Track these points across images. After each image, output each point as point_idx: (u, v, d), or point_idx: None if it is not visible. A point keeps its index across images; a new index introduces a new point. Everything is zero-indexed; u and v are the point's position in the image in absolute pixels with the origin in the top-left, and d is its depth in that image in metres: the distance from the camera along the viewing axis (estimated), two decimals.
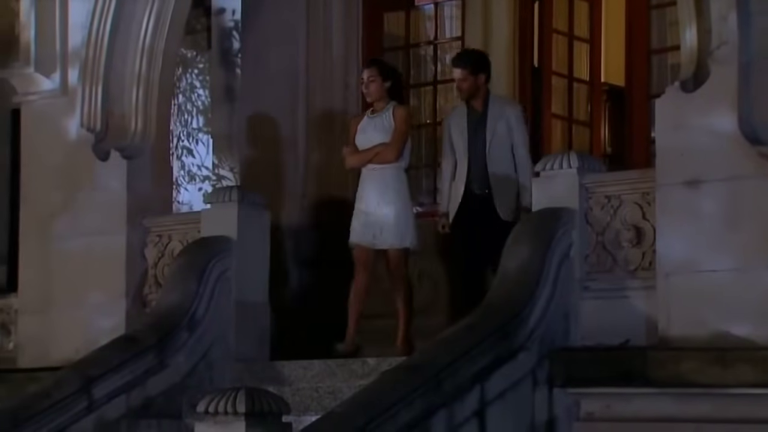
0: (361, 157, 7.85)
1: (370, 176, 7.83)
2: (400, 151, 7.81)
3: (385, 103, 7.90)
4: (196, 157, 11.25)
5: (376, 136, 7.81)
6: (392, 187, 7.78)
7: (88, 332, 8.43)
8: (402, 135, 7.81)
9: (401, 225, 7.78)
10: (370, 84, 7.88)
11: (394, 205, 7.76)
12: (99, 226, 8.62)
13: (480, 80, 7.92)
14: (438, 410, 6.26)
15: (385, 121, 7.83)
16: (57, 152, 8.86)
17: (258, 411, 5.65)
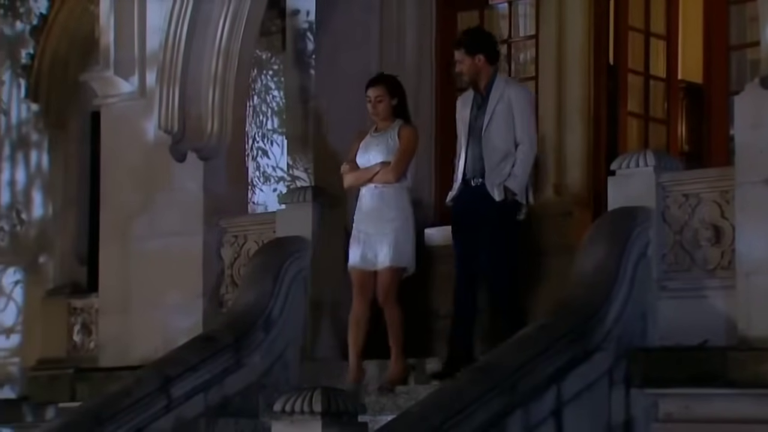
0: (359, 176, 7.50)
1: (369, 194, 7.47)
2: (401, 173, 7.44)
3: (390, 122, 7.54)
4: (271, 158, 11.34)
5: (378, 156, 7.46)
6: (393, 206, 7.42)
7: (166, 332, 8.53)
8: (406, 155, 7.44)
9: (400, 244, 7.39)
10: (377, 104, 7.51)
11: (393, 223, 7.40)
12: (176, 227, 8.72)
13: (479, 61, 7.40)
14: (514, 410, 6.23)
15: (389, 140, 7.46)
16: (135, 154, 8.98)
17: (334, 410, 5.68)
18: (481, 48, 7.41)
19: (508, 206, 7.35)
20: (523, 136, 7.40)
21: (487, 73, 7.42)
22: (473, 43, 7.41)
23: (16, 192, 11.29)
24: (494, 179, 7.36)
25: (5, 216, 11.24)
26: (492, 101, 7.39)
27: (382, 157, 7.40)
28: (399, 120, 7.50)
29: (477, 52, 7.39)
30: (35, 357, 10.87)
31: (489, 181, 7.36)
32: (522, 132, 7.39)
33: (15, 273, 11.22)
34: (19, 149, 11.33)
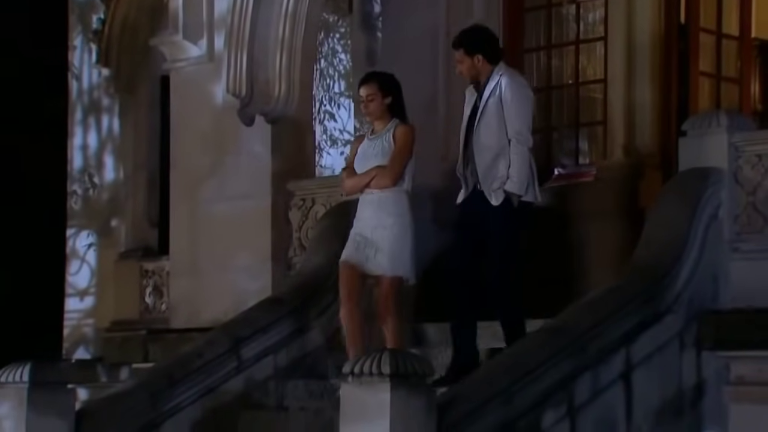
0: (356, 181, 7.06)
1: (368, 200, 7.04)
2: (398, 175, 6.97)
3: (386, 122, 7.08)
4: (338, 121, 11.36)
5: (374, 160, 7.03)
6: (391, 212, 6.97)
7: (236, 294, 8.61)
8: (401, 156, 6.98)
9: (397, 252, 6.93)
10: (369, 103, 7.05)
11: (390, 230, 6.95)
12: (245, 190, 8.78)
13: (478, 61, 6.95)
14: (583, 373, 6.21)
15: (385, 143, 7.04)
16: (204, 118, 9.04)
17: (402, 372, 5.69)
18: (479, 48, 6.98)
19: (511, 210, 6.85)
20: (512, 132, 6.86)
21: (487, 72, 6.97)
22: (472, 43, 7.00)
23: (89, 156, 11.43)
24: (489, 183, 6.88)
25: (78, 180, 11.40)
26: (484, 97, 6.95)
27: (378, 161, 7.00)
28: (395, 120, 7.08)
29: (476, 52, 6.98)
30: (109, 318, 11.05)
31: (484, 185, 6.90)
32: (511, 127, 6.86)
33: (88, 236, 11.38)
34: (90, 114, 11.47)
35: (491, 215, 6.84)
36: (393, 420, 5.62)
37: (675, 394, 6.58)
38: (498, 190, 6.83)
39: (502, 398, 6.01)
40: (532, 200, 6.94)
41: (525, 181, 6.86)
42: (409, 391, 5.69)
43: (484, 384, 6.04)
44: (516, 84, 6.94)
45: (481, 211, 6.88)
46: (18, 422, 6.44)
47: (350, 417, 5.74)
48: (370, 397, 5.67)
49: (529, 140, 6.90)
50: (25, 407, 6.42)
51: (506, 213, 6.82)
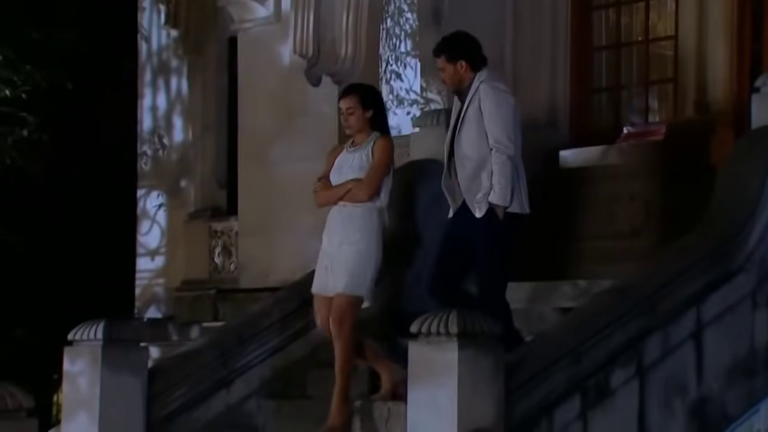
0: (331, 194, 6.77)
1: (338, 213, 6.74)
2: (374, 190, 6.67)
3: (366, 135, 6.79)
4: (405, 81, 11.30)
5: (351, 174, 6.75)
6: (359, 227, 6.64)
7: (303, 254, 8.67)
8: (378, 171, 6.68)
9: (357, 270, 6.57)
10: (349, 116, 6.77)
11: (356, 246, 6.61)
12: (311, 151, 8.82)
13: (461, 68, 6.63)
14: (652, 332, 6.17)
15: (363, 156, 6.75)
16: (271, 78, 9.09)
17: (470, 332, 5.70)
18: (461, 54, 6.66)
19: (496, 223, 6.47)
20: (492, 140, 6.49)
21: (470, 80, 6.64)
22: (453, 50, 6.68)
23: (158, 117, 11.54)
24: (473, 195, 6.53)
25: (148, 141, 11.52)
26: (465, 106, 6.62)
27: (355, 174, 6.73)
28: (376, 133, 6.79)
29: (458, 58, 6.65)
30: (179, 278, 11.19)
31: (468, 197, 6.55)
32: (490, 135, 6.50)
33: (158, 197, 11.52)
34: (159, 75, 11.56)
35: (476, 228, 6.47)
36: (461, 379, 5.63)
37: (747, 354, 6.51)
38: (481, 202, 6.48)
39: (570, 358, 6.00)
40: (519, 211, 6.54)
41: (508, 191, 6.46)
42: (476, 351, 5.70)
43: (553, 344, 6.03)
44: (493, 90, 6.57)
45: (468, 224, 6.52)
46: (93, 379, 6.56)
47: (418, 376, 5.76)
48: (437, 356, 5.69)
49: (509, 148, 6.47)
50: (99, 364, 6.53)
51: (491, 226, 6.44)
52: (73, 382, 6.62)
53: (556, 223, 8.30)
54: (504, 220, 6.46)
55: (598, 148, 8.66)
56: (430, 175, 8.10)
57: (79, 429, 6.53)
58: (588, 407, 6.01)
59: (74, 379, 6.61)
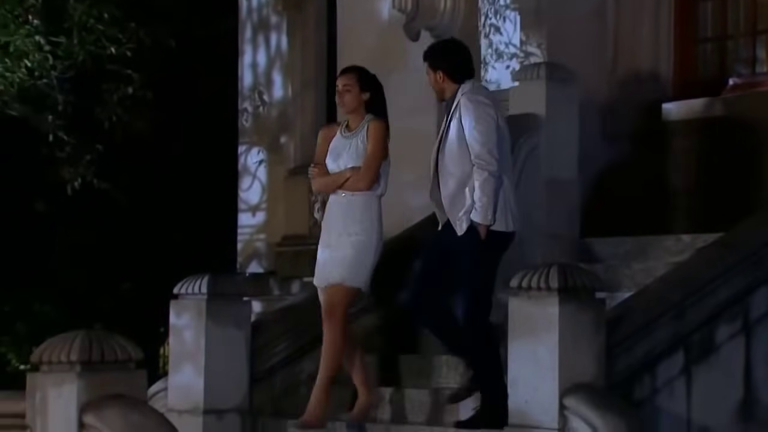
0: (329, 181, 6.56)
1: (337, 203, 6.55)
2: (373, 178, 6.50)
3: (360, 118, 6.58)
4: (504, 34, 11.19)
5: (349, 161, 6.55)
6: (358, 218, 6.48)
7: (402, 210, 8.68)
8: (376, 157, 6.50)
9: (356, 261, 6.42)
10: (344, 93, 6.57)
11: (354, 238, 6.45)
12: (411, 106, 8.80)
13: (439, 78, 6.36)
14: (758, 287, 6.08)
15: (359, 143, 6.55)
16: (370, 34, 9.08)
17: (571, 287, 5.68)
18: (440, 64, 6.36)
19: (477, 242, 6.15)
20: (473, 157, 6.19)
21: (452, 91, 6.35)
22: (434, 57, 6.43)
23: (258, 74, 11.63)
24: (455, 212, 6.23)
25: (248, 97, 11.62)
26: (449, 119, 6.33)
27: (353, 162, 6.53)
28: (369, 116, 6.59)
29: (437, 68, 6.38)
30: (280, 233, 11.31)
31: (451, 214, 6.25)
32: (472, 151, 6.19)
33: (258, 153, 11.63)
34: (259, 32, 11.63)
35: (458, 245, 6.20)
36: (561, 334, 5.63)
37: None
38: (462, 219, 6.18)
39: (674, 313, 5.94)
40: (503, 229, 6.23)
41: (490, 209, 6.14)
42: (577, 306, 5.68)
43: (656, 299, 5.98)
44: (474, 103, 6.23)
45: (451, 240, 6.24)
46: (197, 332, 6.69)
47: (518, 331, 5.77)
48: (538, 311, 5.69)
49: (491, 164, 6.15)
50: (204, 318, 6.67)
51: (472, 244, 6.13)
52: (178, 335, 6.77)
53: (659, 176, 8.20)
54: (486, 238, 6.14)
55: (702, 100, 8.51)
56: (529, 130, 8.05)
57: (185, 380, 6.69)
58: (692, 363, 5.96)
59: (180, 332, 6.76)
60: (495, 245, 6.20)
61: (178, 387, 6.69)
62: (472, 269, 6.15)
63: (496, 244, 6.20)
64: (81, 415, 4.56)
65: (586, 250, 7.68)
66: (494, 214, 6.14)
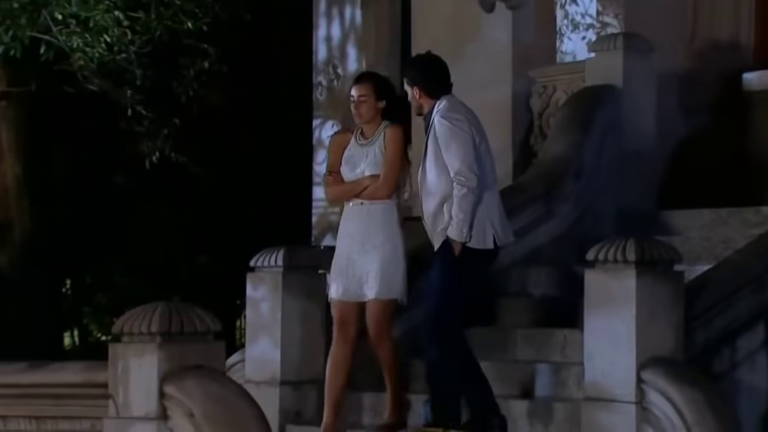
0: (346, 190, 6.35)
1: (355, 213, 6.32)
2: (393, 186, 6.28)
3: (376, 126, 6.35)
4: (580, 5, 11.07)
5: (366, 170, 6.32)
6: (381, 227, 6.25)
7: None
8: (395, 164, 6.27)
9: (388, 273, 6.21)
10: (361, 104, 6.34)
11: (382, 249, 6.22)
12: (485, 78, 8.77)
13: (416, 93, 6.18)
14: None
15: (377, 151, 6.32)
16: (445, 5, 9.05)
17: (648, 259, 5.63)
18: (416, 79, 6.20)
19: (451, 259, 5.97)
20: (452, 173, 6.00)
21: (429, 105, 6.17)
22: (409, 74, 6.28)
23: (332, 47, 11.64)
24: (434, 228, 6.07)
25: (322, 71, 11.64)
26: (426, 138, 6.15)
27: (371, 170, 6.31)
28: (385, 122, 6.36)
29: (413, 83, 6.21)
30: None
31: (429, 230, 6.11)
32: (451, 168, 6.00)
33: (333, 126, 11.66)
34: (333, 5, 11.63)
35: (432, 262, 6.07)
36: (638, 307, 5.58)
37: None
38: (439, 235, 6.03)
39: (754, 285, 5.87)
40: (479, 247, 6.01)
41: (466, 226, 5.95)
42: (655, 279, 5.63)
43: (736, 271, 5.90)
44: (447, 120, 6.04)
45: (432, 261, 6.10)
46: (274, 304, 6.76)
47: (595, 304, 5.73)
48: (615, 284, 5.65)
49: (471, 180, 5.96)
50: (280, 290, 6.72)
51: (444, 260, 5.97)
52: (255, 307, 6.84)
53: (738, 148, 8.07)
54: (460, 256, 5.95)
55: None
56: (605, 101, 7.98)
57: (262, 352, 6.76)
58: None
59: (256, 305, 6.82)
60: (470, 262, 5.98)
61: (255, 358, 6.76)
62: (440, 285, 5.97)
63: (471, 262, 5.98)
64: (161, 385, 4.62)
65: (664, 223, 7.61)
66: (470, 231, 5.96)
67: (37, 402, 4.92)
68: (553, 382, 6.35)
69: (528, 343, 6.68)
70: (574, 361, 6.30)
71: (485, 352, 6.75)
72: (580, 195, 7.83)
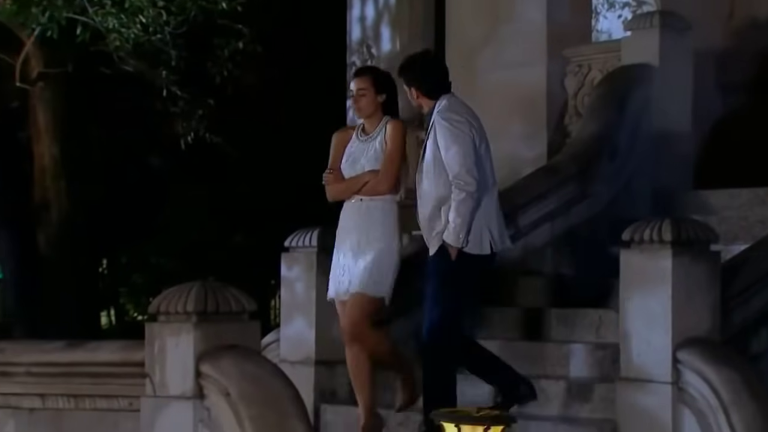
0: (346, 186, 6.20)
1: (354, 209, 6.19)
2: (393, 181, 6.13)
3: (377, 121, 6.21)
4: None
5: (367, 166, 6.18)
6: (379, 223, 6.11)
7: (512, 162, 8.65)
8: (395, 159, 6.13)
9: (379, 270, 6.04)
10: (360, 98, 6.20)
11: (377, 244, 6.07)
12: (520, 58, 8.73)
13: (413, 93, 6.10)
14: None
15: (377, 146, 6.19)
16: None
17: (684, 239, 5.59)
18: (412, 80, 6.08)
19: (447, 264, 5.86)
20: (451, 176, 5.88)
21: (429, 105, 6.07)
22: (406, 74, 6.13)
23: (366, 27, 11.62)
24: (430, 234, 5.97)
25: (356, 51, 11.62)
26: (426, 138, 6.03)
27: (371, 166, 6.17)
28: (386, 117, 6.24)
29: (410, 84, 6.10)
30: None
31: (425, 233, 6.01)
32: (450, 171, 5.88)
33: None
34: None
35: (428, 266, 5.96)
36: (675, 287, 5.55)
37: None
38: (435, 239, 5.92)
39: None
40: (476, 252, 5.88)
41: (463, 231, 5.83)
42: (691, 259, 5.60)
43: None
44: (448, 121, 5.92)
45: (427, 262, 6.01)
46: (308, 284, 6.77)
47: (630, 284, 5.71)
48: (651, 264, 5.62)
49: (470, 184, 5.84)
50: (314, 270, 6.74)
51: (441, 265, 5.87)
52: (289, 287, 6.86)
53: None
54: (457, 260, 5.84)
55: None
56: (641, 81, 7.92)
57: (297, 332, 6.78)
58: None
59: (291, 285, 6.85)
60: (467, 268, 5.86)
61: (289, 338, 6.79)
62: (440, 291, 5.86)
63: (468, 267, 5.86)
64: (198, 364, 4.65)
65: (701, 202, 7.56)
66: (467, 236, 5.85)
67: (75, 380, 4.97)
68: (588, 362, 6.33)
69: (563, 324, 6.67)
70: (609, 341, 6.28)
71: (520, 333, 6.75)
72: (614, 175, 7.79)
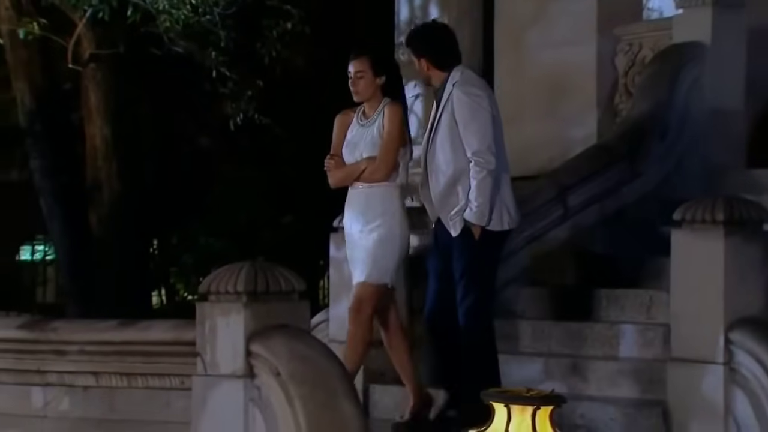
0: (346, 174, 6.12)
1: (355, 197, 6.12)
2: (390, 167, 5.99)
3: (377, 103, 6.06)
4: None
5: (366, 151, 6.08)
6: (379, 211, 6.02)
7: (561, 142, 8.61)
8: (392, 145, 5.97)
9: (380, 256, 5.99)
10: (358, 81, 6.04)
11: (377, 232, 6.00)
12: (570, 37, 8.68)
13: (424, 65, 5.97)
14: None
15: (375, 132, 6.05)
16: None
17: (737, 219, 5.55)
18: (423, 50, 5.96)
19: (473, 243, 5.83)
20: (470, 153, 5.81)
21: (441, 79, 5.95)
22: (415, 44, 6.02)
23: (414, 7, 11.60)
24: (447, 211, 5.89)
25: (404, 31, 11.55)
26: (439, 111, 5.92)
27: (370, 152, 6.06)
28: (386, 99, 6.08)
29: (421, 54, 5.97)
30: None
31: (441, 213, 5.94)
32: (468, 147, 5.81)
33: (415, 86, 11.63)
34: None
35: (453, 248, 5.90)
36: (726, 267, 5.52)
37: None
38: (456, 220, 5.86)
39: None
40: (498, 228, 5.88)
41: (486, 210, 5.80)
42: (743, 238, 5.55)
43: None
44: (468, 96, 5.83)
45: (446, 242, 5.95)
46: None
47: (681, 264, 5.68)
48: (702, 244, 5.59)
49: (490, 162, 5.79)
50: None
51: (467, 244, 5.82)
52: (338, 267, 6.87)
53: None
54: (481, 239, 5.83)
55: None
56: (693, 59, 7.84)
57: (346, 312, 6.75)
58: None
59: (339, 265, 6.86)
60: (491, 244, 5.88)
61: (339, 318, 6.80)
62: (472, 269, 5.84)
63: (492, 243, 5.88)
64: (248, 344, 4.69)
65: (753, 182, 7.48)
66: (490, 214, 5.83)
67: (128, 359, 5.02)
68: (638, 342, 6.31)
69: (613, 304, 6.64)
70: (659, 321, 6.25)
71: (570, 313, 6.73)
72: (665, 154, 7.73)
